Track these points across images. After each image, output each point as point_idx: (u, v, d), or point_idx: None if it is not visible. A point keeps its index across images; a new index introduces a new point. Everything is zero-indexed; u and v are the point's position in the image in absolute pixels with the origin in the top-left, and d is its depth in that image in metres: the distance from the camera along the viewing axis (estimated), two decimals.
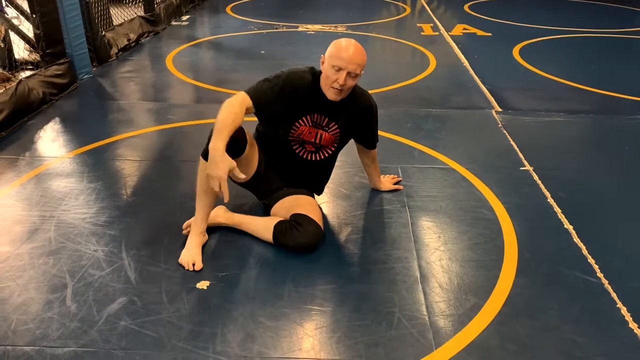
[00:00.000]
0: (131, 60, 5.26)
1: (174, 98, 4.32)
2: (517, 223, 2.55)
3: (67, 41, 4.38)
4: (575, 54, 5.85)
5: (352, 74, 2.16)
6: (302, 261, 2.25)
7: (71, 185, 2.83)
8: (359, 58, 2.16)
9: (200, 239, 2.29)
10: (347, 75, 2.15)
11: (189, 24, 7.08)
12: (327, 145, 2.39)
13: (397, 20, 7.65)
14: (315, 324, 1.92)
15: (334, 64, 2.14)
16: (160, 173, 3.00)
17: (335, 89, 2.18)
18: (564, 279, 2.19)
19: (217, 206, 2.45)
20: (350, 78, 2.17)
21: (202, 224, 2.29)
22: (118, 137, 3.46)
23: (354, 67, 2.14)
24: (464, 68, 5.12)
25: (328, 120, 2.33)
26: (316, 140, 2.35)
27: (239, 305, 2.00)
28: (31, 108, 3.80)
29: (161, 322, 1.91)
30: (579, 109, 4.06)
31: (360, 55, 2.17)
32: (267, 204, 2.48)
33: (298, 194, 2.42)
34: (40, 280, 2.12)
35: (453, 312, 1.99)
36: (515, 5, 8.90)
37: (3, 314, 1.93)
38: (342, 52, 2.14)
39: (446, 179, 2.95)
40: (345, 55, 2.14)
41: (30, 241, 2.36)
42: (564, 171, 3.09)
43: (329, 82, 2.18)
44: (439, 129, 3.66)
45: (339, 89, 2.17)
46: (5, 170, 2.99)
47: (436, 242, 2.40)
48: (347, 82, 2.16)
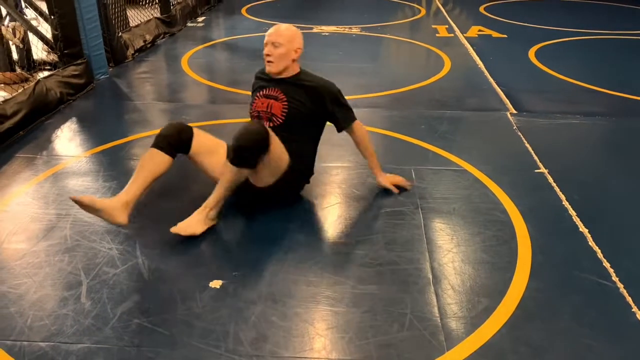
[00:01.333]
0: (147, 61, 5.31)
1: (189, 99, 4.36)
2: (531, 226, 2.53)
3: (84, 42, 4.44)
4: (591, 56, 5.80)
5: (276, 44, 2.55)
6: (314, 262, 2.26)
7: (87, 184, 2.86)
8: (278, 32, 2.57)
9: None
10: (271, 45, 2.55)
11: (205, 25, 7.13)
12: (276, 113, 2.60)
13: (411, 21, 7.63)
14: (326, 324, 1.93)
15: (264, 42, 2.59)
16: (175, 173, 2.99)
17: (266, 61, 2.59)
18: (579, 282, 2.17)
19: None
20: (273, 47, 2.55)
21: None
22: (133, 137, 3.49)
23: (274, 37, 2.55)
24: (479, 70, 5.10)
25: (277, 91, 2.64)
26: (267, 108, 2.62)
27: (251, 304, 2.01)
28: (49, 108, 3.85)
29: (174, 321, 1.92)
30: (594, 111, 4.02)
31: (280, 31, 2.57)
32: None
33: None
34: (55, 277, 2.15)
35: (465, 314, 1.98)
36: (531, 7, 8.84)
37: (20, 310, 1.96)
38: (267, 32, 2.62)
39: (460, 181, 2.94)
40: (268, 32, 2.60)
41: (47, 239, 2.39)
42: (579, 174, 3.07)
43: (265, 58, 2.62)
44: (454, 130, 3.65)
45: (267, 60, 2.58)
46: (23, 169, 3.03)
47: (449, 244, 2.39)
48: (272, 51, 2.55)
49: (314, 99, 2.61)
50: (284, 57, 2.57)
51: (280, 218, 2.57)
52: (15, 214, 2.58)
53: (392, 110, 4.01)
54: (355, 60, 5.44)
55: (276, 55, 2.56)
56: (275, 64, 2.58)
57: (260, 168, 2.43)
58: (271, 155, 2.42)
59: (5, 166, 3.06)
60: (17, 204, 2.67)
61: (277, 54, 2.55)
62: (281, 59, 2.57)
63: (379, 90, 4.45)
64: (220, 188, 2.43)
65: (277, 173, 2.51)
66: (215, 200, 2.44)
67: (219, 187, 2.44)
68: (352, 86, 4.55)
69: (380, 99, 4.28)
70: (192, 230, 2.37)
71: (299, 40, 2.61)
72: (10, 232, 2.44)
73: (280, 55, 2.56)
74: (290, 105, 2.60)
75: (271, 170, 2.49)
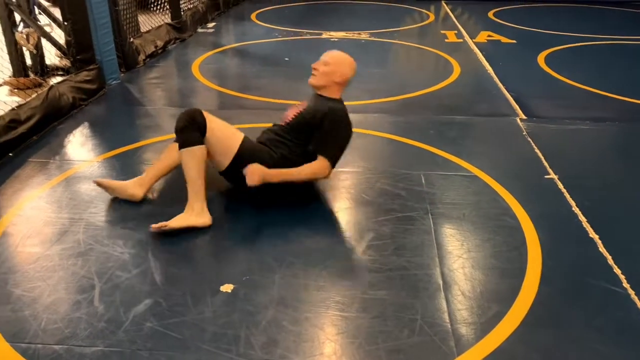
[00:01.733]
0: (158, 67, 5.36)
1: (200, 104, 4.39)
2: (541, 231, 2.53)
3: (96, 48, 4.49)
4: (601, 62, 5.78)
5: (325, 62, 2.77)
6: (324, 266, 2.27)
7: (99, 189, 2.88)
8: (333, 53, 2.82)
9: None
10: (322, 62, 2.78)
11: (215, 31, 7.18)
12: (289, 115, 2.82)
13: (420, 27, 7.64)
14: (336, 329, 1.94)
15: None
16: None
17: (312, 73, 2.80)
18: (589, 288, 2.16)
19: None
20: (322, 64, 2.77)
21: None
22: (145, 141, 3.52)
23: (327, 57, 2.80)
24: (488, 75, 5.10)
25: (305, 102, 2.84)
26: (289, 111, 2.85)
27: (262, 309, 2.02)
28: (61, 113, 3.90)
29: (186, 324, 1.94)
30: (604, 117, 4.01)
31: (335, 53, 2.82)
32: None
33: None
34: (69, 280, 2.17)
35: (475, 320, 1.99)
36: (540, 12, 8.83)
37: (34, 313, 1.99)
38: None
39: (470, 187, 2.94)
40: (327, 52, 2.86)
41: (60, 242, 2.42)
42: (589, 180, 3.06)
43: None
44: (463, 136, 3.65)
45: (312, 72, 2.79)
46: (37, 174, 3.07)
47: (459, 250, 2.40)
48: (319, 67, 2.77)
49: (319, 117, 2.67)
50: (326, 76, 2.75)
51: (290, 223, 2.59)
52: (29, 218, 2.62)
53: (401, 116, 4.02)
54: (364, 66, 5.42)
55: (320, 71, 2.76)
56: (317, 77, 2.77)
57: (212, 151, 2.59)
58: (215, 135, 2.56)
59: (19, 170, 3.10)
60: (30, 208, 2.70)
61: (322, 70, 2.76)
62: (323, 76, 2.76)
63: (388, 96, 4.47)
64: (188, 177, 2.55)
65: (229, 154, 2.60)
66: (191, 193, 2.54)
67: (187, 178, 2.55)
68: (361, 91, 4.57)
69: (390, 104, 4.30)
70: (169, 225, 2.44)
71: (347, 68, 2.78)
72: (24, 235, 2.47)
73: (324, 73, 2.75)
74: (302, 113, 2.74)
75: (221, 151, 2.60)
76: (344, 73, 2.76)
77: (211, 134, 2.55)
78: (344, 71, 2.77)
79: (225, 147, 2.60)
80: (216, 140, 2.57)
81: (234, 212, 2.72)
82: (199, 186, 2.54)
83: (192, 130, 2.51)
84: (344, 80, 2.78)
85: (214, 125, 2.57)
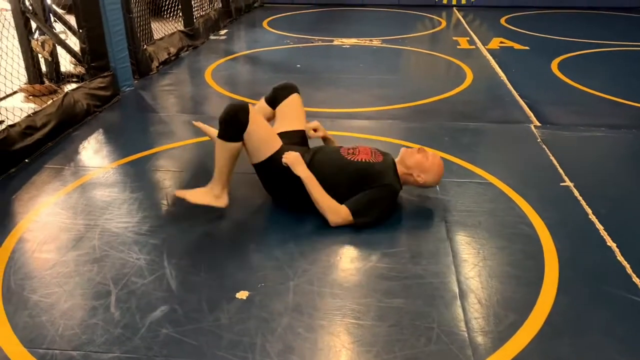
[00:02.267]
0: (171, 74, 5.40)
1: (213, 110, 4.40)
2: (558, 240, 2.50)
3: (110, 55, 4.53)
4: (615, 68, 5.74)
5: (429, 155, 2.71)
6: (340, 274, 2.26)
7: (114, 195, 2.91)
8: (436, 159, 2.73)
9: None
10: (430, 154, 2.72)
11: (227, 38, 7.22)
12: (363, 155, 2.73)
13: (432, 33, 7.64)
14: (352, 337, 1.93)
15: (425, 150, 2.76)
16: (200, 184, 3.03)
17: (417, 150, 2.74)
18: (608, 297, 2.14)
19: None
20: (426, 156, 2.70)
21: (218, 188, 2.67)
22: (159, 148, 3.54)
23: (433, 158, 2.71)
24: (501, 82, 5.08)
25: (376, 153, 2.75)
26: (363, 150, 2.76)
27: (277, 316, 2.02)
28: (76, 119, 3.93)
29: (202, 331, 1.94)
30: (620, 123, 3.98)
31: (437, 162, 2.72)
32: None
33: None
34: (85, 287, 2.18)
35: (493, 328, 1.97)
36: (553, 18, 8.80)
37: (51, 319, 2.00)
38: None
39: (485, 194, 2.92)
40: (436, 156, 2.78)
41: (76, 249, 2.43)
42: (606, 187, 3.03)
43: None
44: (477, 143, 3.64)
45: (418, 150, 2.72)
46: (52, 180, 3.09)
47: (475, 258, 2.38)
48: (423, 154, 2.70)
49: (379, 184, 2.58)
50: (419, 167, 2.66)
51: (305, 230, 2.58)
52: (45, 224, 2.63)
53: (414, 122, 4.01)
54: (376, 72, 5.46)
55: (419, 159, 2.66)
56: (414, 156, 2.67)
57: (246, 147, 2.63)
58: (252, 134, 2.56)
59: (34, 176, 3.13)
60: (46, 214, 2.72)
61: (421, 160, 2.66)
62: (417, 163, 2.66)
63: (400, 102, 4.46)
64: (216, 163, 2.62)
65: (260, 157, 2.64)
66: (215, 176, 2.63)
67: (215, 163, 2.63)
68: (374, 98, 4.57)
69: (402, 110, 4.29)
70: (187, 196, 2.62)
71: (433, 178, 2.69)
72: (41, 241, 2.49)
73: (420, 164, 2.65)
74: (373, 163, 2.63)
75: (253, 152, 2.64)
76: (426, 179, 2.68)
77: (249, 136, 2.57)
78: (428, 178, 2.68)
79: (258, 150, 2.62)
80: (251, 142, 2.59)
81: (248, 219, 2.72)
82: (225, 174, 2.63)
83: (232, 126, 2.53)
84: (420, 182, 2.68)
85: (254, 127, 2.56)
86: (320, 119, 3.96)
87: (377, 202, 2.58)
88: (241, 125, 2.53)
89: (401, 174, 2.70)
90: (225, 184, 2.66)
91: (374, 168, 2.62)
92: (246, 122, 2.53)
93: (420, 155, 2.68)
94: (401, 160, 2.72)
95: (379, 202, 2.58)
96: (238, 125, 2.53)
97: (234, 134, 2.55)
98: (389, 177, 2.63)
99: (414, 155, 2.68)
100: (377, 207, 2.57)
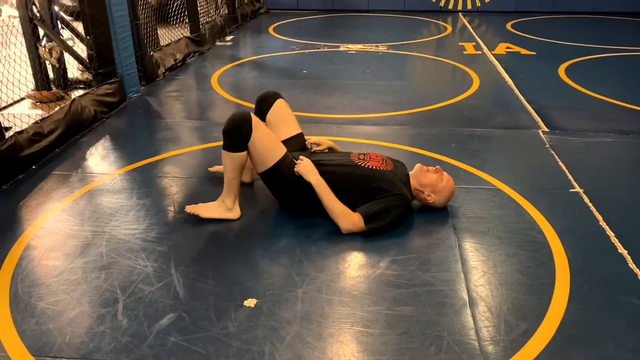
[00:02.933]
0: (177, 80, 5.40)
1: (219, 116, 4.40)
2: (568, 247, 2.48)
3: (117, 61, 4.54)
4: (623, 73, 5.71)
5: (443, 178, 2.73)
6: (349, 282, 2.25)
7: (121, 202, 2.91)
8: (449, 182, 2.75)
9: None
10: (444, 175, 2.74)
11: (233, 44, 7.24)
12: (375, 162, 2.74)
13: (438, 39, 7.63)
14: (362, 346, 1.91)
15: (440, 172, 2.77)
16: (207, 190, 3.04)
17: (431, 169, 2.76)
18: (620, 305, 2.11)
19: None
20: (440, 176, 2.72)
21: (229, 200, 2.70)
22: (165, 154, 3.54)
23: (445, 182, 2.73)
24: (508, 87, 5.06)
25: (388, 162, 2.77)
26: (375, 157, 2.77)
27: (286, 324, 2.00)
28: (83, 126, 3.93)
29: (210, 339, 1.93)
30: (629, 129, 3.95)
31: (449, 187, 2.74)
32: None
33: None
34: (92, 294, 2.17)
35: (503, 337, 1.94)
36: (559, 23, 8.78)
37: (58, 327, 1.99)
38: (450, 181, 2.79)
39: (493, 200, 2.90)
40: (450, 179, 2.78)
41: (83, 256, 2.42)
42: (616, 193, 3.00)
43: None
44: (485, 148, 3.62)
45: (433, 170, 2.74)
46: (59, 186, 3.09)
47: (485, 265, 2.36)
48: (439, 174, 2.72)
49: (392, 194, 2.58)
50: (431, 186, 2.68)
51: (313, 236, 2.57)
52: (52, 231, 2.63)
53: (421, 128, 4.00)
54: (382, 78, 5.45)
55: (434, 179, 2.68)
56: (428, 176, 2.69)
57: (251, 156, 2.62)
58: (256, 143, 2.56)
59: (42, 183, 3.13)
60: (54, 221, 2.72)
61: (435, 180, 2.68)
62: (431, 183, 2.68)
63: (407, 108, 4.45)
64: (225, 176, 2.65)
65: (265, 165, 2.62)
66: (225, 189, 2.67)
67: (224, 175, 2.65)
68: (380, 104, 4.56)
69: (409, 116, 4.27)
70: (199, 211, 2.67)
71: (443, 199, 2.72)
72: (48, 248, 2.48)
73: (433, 184, 2.68)
74: (385, 171, 2.64)
75: (258, 160, 2.63)
76: (436, 200, 2.70)
77: (253, 144, 2.56)
78: (438, 199, 2.70)
79: (263, 158, 2.61)
80: (256, 151, 2.59)
81: (255, 225, 2.71)
82: (235, 185, 2.66)
83: (236, 137, 2.54)
84: (430, 201, 2.70)
85: (258, 135, 2.56)
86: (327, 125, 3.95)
87: (391, 210, 2.56)
88: (245, 135, 2.53)
89: (413, 188, 2.71)
90: (236, 195, 2.69)
91: (384, 176, 2.61)
92: (250, 131, 2.53)
93: (435, 176, 2.69)
94: (415, 175, 2.73)
95: (393, 210, 2.56)
96: (242, 136, 2.53)
97: (238, 144, 2.55)
98: (401, 187, 2.62)
99: (430, 174, 2.70)
100: (389, 215, 2.56)
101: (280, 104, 2.98)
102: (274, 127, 2.91)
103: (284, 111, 2.99)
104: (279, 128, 2.91)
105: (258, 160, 2.63)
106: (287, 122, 2.98)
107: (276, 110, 2.96)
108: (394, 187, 2.60)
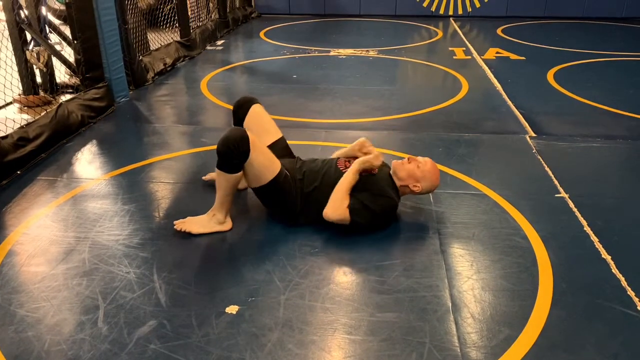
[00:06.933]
0: (167, 84, 5.39)
1: (208, 121, 4.39)
2: (553, 252, 2.48)
3: (105, 66, 4.52)
4: (611, 78, 5.74)
5: (419, 162, 2.68)
6: (331, 288, 2.24)
7: (106, 207, 2.89)
8: (428, 164, 2.69)
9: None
10: (417, 160, 2.68)
11: (224, 48, 7.23)
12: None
13: (428, 44, 7.65)
14: (344, 353, 1.90)
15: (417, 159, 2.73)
16: (194, 196, 3.03)
17: (403, 162, 2.72)
18: (603, 311, 2.11)
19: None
20: (416, 163, 2.67)
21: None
22: (153, 159, 3.52)
23: (424, 166, 2.67)
24: (497, 92, 5.07)
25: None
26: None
27: (267, 331, 1.99)
28: (70, 130, 3.91)
29: (190, 347, 1.91)
30: (616, 134, 3.97)
31: (430, 170, 2.68)
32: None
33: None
34: (73, 301, 2.15)
35: (486, 343, 1.94)
36: (549, 29, 8.82)
37: (37, 334, 1.97)
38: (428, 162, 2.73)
39: (479, 205, 2.90)
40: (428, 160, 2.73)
41: (65, 262, 2.40)
42: (601, 199, 3.01)
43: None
44: (472, 153, 3.62)
45: (405, 161, 2.70)
46: (44, 191, 3.07)
47: (468, 271, 2.35)
48: (413, 163, 2.67)
49: (381, 200, 2.59)
50: (412, 177, 2.64)
51: (297, 242, 2.56)
52: (35, 237, 2.61)
53: (409, 133, 4.00)
54: (372, 83, 5.46)
55: (411, 168, 2.64)
56: (404, 169, 2.65)
57: (245, 173, 2.55)
58: (253, 163, 2.49)
59: (26, 188, 3.11)
60: (37, 227, 2.70)
61: (412, 168, 2.64)
62: (410, 173, 2.64)
63: (396, 113, 4.45)
64: (218, 192, 2.59)
65: (260, 182, 2.57)
66: (217, 204, 2.62)
67: (217, 191, 2.59)
68: (370, 109, 4.56)
69: (398, 121, 4.28)
70: (189, 228, 2.61)
71: (430, 185, 2.67)
72: (30, 254, 2.46)
73: (412, 173, 2.64)
74: (372, 178, 2.64)
75: (253, 178, 2.57)
76: (423, 187, 2.66)
77: (250, 164, 2.48)
78: (424, 185, 2.66)
79: (259, 175, 2.54)
80: (252, 169, 2.51)
81: (240, 232, 2.69)
82: (227, 202, 2.63)
83: (233, 158, 2.44)
84: (417, 191, 2.67)
85: (255, 154, 2.48)
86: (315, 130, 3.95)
87: (376, 207, 2.55)
88: (243, 155, 2.45)
89: (398, 187, 2.69)
90: (228, 209, 2.65)
91: (373, 182, 2.61)
92: (248, 151, 2.44)
93: (410, 165, 2.65)
94: (394, 173, 2.70)
95: (378, 208, 2.56)
96: (240, 156, 2.44)
97: (236, 165, 2.47)
98: (388, 190, 2.62)
99: (404, 166, 2.66)
100: (373, 211, 2.55)
101: (257, 109, 2.94)
102: (254, 134, 2.84)
103: (262, 117, 2.95)
104: (258, 134, 2.81)
105: (253, 177, 2.55)
106: (265, 128, 2.93)
107: (253, 116, 2.92)
108: (383, 191, 2.60)
